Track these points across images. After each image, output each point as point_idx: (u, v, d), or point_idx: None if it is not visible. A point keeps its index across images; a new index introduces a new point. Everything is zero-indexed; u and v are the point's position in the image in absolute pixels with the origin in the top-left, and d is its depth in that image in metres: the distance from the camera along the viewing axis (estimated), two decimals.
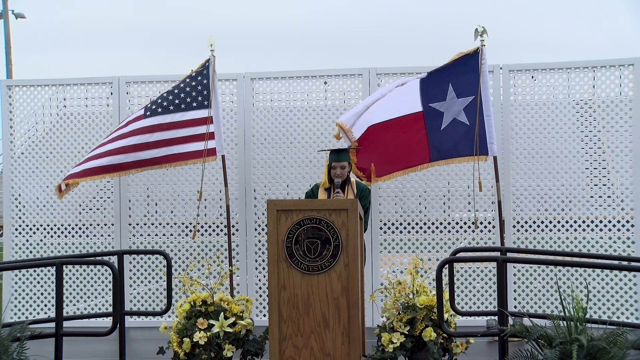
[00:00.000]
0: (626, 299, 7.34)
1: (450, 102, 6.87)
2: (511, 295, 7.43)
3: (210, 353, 5.29)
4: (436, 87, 6.92)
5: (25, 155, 8.34)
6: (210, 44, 7.22)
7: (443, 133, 6.87)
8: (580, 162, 7.63)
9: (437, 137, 6.87)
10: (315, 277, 4.84)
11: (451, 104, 6.87)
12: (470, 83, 6.85)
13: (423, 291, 5.23)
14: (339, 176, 6.10)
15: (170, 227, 8.19)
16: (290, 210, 4.90)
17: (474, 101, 6.81)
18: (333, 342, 4.79)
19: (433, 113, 6.87)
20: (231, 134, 8.03)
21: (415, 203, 7.89)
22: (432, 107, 6.88)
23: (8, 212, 8.24)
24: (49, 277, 8.09)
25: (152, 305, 8.07)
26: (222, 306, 5.46)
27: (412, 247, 7.85)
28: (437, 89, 6.91)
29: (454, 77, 6.91)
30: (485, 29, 6.91)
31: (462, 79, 6.89)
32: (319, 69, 8.12)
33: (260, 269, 7.95)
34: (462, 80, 6.88)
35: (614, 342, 4.09)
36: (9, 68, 26.08)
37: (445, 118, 6.87)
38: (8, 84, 8.40)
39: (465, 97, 6.85)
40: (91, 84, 8.34)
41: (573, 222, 7.56)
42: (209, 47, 7.24)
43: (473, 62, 6.90)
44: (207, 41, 7.25)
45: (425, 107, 6.89)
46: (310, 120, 8.02)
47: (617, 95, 7.61)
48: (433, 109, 6.88)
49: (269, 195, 8.00)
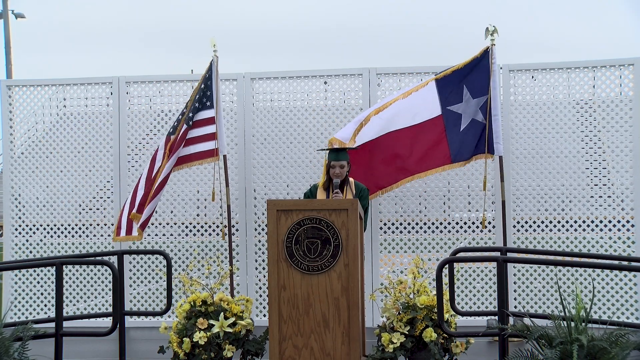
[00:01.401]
0: (626, 299, 7.33)
1: (466, 103, 6.96)
2: (511, 295, 7.42)
3: (210, 353, 5.29)
4: (452, 89, 6.98)
5: (25, 155, 8.33)
6: (213, 44, 7.20)
7: (462, 134, 6.96)
8: (580, 162, 7.63)
9: (458, 138, 6.94)
10: (315, 277, 4.84)
11: (468, 105, 6.96)
12: (483, 83, 6.94)
13: (424, 291, 5.23)
14: (338, 176, 6.09)
15: (170, 227, 8.19)
16: (290, 210, 4.90)
17: (487, 100, 6.88)
18: (333, 342, 4.79)
19: (451, 115, 6.96)
20: (231, 134, 8.02)
21: (415, 203, 7.89)
22: (450, 110, 6.97)
23: (8, 212, 8.24)
24: (49, 277, 8.08)
25: (152, 305, 8.07)
26: (222, 306, 5.46)
27: (412, 247, 7.85)
28: (453, 91, 6.99)
29: (467, 79, 6.98)
30: (495, 28, 6.90)
31: (476, 79, 6.97)
32: (319, 69, 8.12)
33: (260, 269, 7.95)
34: (475, 81, 6.96)
35: (615, 342, 4.08)
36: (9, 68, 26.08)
37: (464, 119, 6.96)
38: (8, 84, 8.39)
39: (479, 98, 6.94)
40: (91, 84, 8.34)
41: (573, 222, 7.56)
42: (212, 48, 7.22)
43: (484, 62, 6.97)
44: (209, 41, 7.23)
45: (444, 110, 6.96)
46: (310, 120, 8.02)
47: (617, 95, 7.60)
48: (451, 112, 6.97)
49: (269, 195, 8.00)
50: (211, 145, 7.09)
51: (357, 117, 7.01)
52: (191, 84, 8.25)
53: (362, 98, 7.88)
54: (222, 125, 7.27)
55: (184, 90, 8.28)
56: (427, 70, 7.90)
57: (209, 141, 7.09)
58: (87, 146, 8.25)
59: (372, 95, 7.85)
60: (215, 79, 7.19)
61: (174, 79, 8.27)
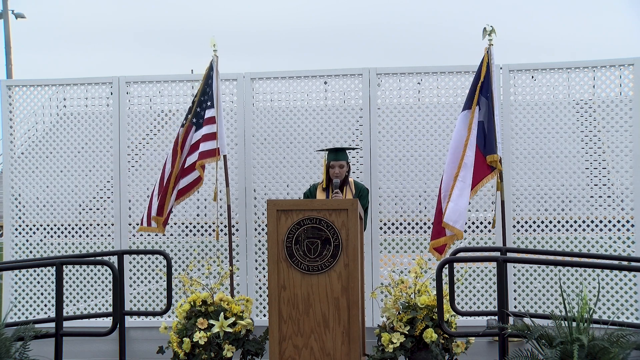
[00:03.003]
0: (626, 299, 7.34)
1: (482, 106, 6.81)
2: (511, 295, 7.43)
3: (210, 353, 5.29)
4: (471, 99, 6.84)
5: (25, 155, 8.34)
6: (213, 44, 7.19)
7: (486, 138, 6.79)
8: (580, 162, 7.63)
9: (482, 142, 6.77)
10: (315, 277, 4.84)
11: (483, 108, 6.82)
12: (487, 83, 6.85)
13: (425, 291, 5.23)
14: (338, 175, 6.09)
15: (170, 227, 8.19)
16: (290, 210, 4.89)
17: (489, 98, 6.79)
18: (333, 342, 4.79)
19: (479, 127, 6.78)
20: (231, 134, 8.03)
21: (415, 203, 7.89)
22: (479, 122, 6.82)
23: (8, 212, 8.24)
24: (49, 277, 8.09)
25: (152, 305, 8.07)
26: (222, 306, 5.46)
27: (412, 247, 7.85)
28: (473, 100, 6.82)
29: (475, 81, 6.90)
30: (493, 28, 6.83)
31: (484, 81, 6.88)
32: (319, 69, 8.12)
33: (260, 269, 7.95)
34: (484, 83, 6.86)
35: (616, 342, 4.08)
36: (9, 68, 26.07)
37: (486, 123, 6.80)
38: (8, 84, 8.40)
39: (486, 97, 6.85)
40: (91, 84, 8.34)
41: (573, 222, 7.56)
42: (212, 48, 7.21)
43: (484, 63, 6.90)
44: (209, 41, 7.22)
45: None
46: (310, 120, 8.02)
47: (617, 95, 7.61)
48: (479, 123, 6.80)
49: (269, 195, 8.00)
50: (212, 145, 7.09)
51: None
52: (191, 84, 8.25)
53: (362, 98, 7.89)
54: (222, 125, 7.27)
55: (184, 90, 8.28)
56: (427, 70, 7.92)
57: (210, 141, 7.09)
58: (87, 146, 8.25)
59: (372, 95, 7.86)
60: (216, 78, 7.19)
61: (174, 79, 8.27)
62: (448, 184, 6.62)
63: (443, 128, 7.85)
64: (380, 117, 7.90)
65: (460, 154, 6.62)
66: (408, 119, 7.92)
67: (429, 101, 7.98)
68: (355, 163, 7.83)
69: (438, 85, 7.95)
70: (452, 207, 6.47)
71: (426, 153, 7.88)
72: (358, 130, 7.94)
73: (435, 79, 7.95)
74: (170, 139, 8.23)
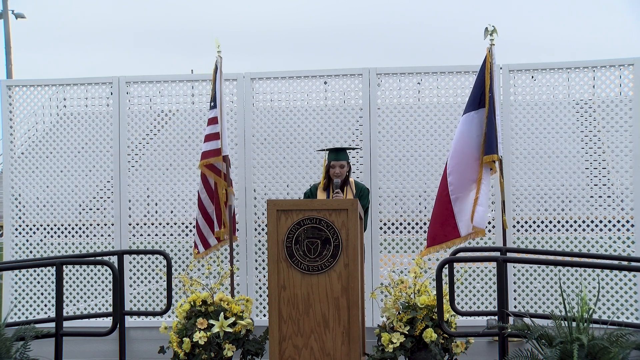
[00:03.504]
0: (626, 299, 7.34)
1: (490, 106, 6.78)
2: (511, 295, 7.43)
3: (210, 353, 5.29)
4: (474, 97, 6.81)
5: (25, 155, 8.34)
6: (218, 44, 7.17)
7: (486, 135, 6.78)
8: (580, 162, 7.63)
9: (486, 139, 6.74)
10: (315, 277, 4.84)
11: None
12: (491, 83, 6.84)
13: (425, 291, 5.23)
14: (338, 175, 6.09)
15: (170, 227, 8.19)
16: (290, 210, 4.89)
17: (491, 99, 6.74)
18: (333, 342, 4.79)
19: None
20: (231, 134, 8.03)
21: (415, 203, 7.89)
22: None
23: (8, 212, 8.24)
24: (49, 277, 8.09)
25: (152, 305, 8.07)
26: (222, 306, 5.46)
27: (412, 247, 7.85)
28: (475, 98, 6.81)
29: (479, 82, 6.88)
30: (495, 28, 6.79)
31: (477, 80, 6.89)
32: (319, 69, 8.12)
33: (260, 269, 7.95)
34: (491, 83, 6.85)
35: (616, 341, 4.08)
36: (9, 68, 26.07)
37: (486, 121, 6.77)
38: (8, 84, 8.40)
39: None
40: (91, 84, 8.34)
41: (573, 222, 7.56)
42: (216, 48, 7.19)
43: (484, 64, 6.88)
44: (214, 42, 7.20)
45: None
46: (310, 120, 8.02)
47: (617, 95, 7.61)
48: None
49: (269, 195, 8.00)
50: (215, 145, 7.08)
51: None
52: (191, 84, 8.26)
53: (362, 98, 7.89)
54: (224, 125, 7.26)
55: (184, 90, 8.28)
56: (427, 71, 7.92)
57: (213, 141, 7.09)
58: (87, 146, 8.25)
59: (372, 95, 7.86)
60: (219, 79, 7.18)
61: (174, 79, 8.27)
62: (465, 186, 6.59)
63: (443, 128, 7.85)
64: (380, 117, 7.90)
65: (477, 155, 6.62)
66: (408, 119, 7.92)
67: (429, 101, 7.98)
68: (355, 163, 7.82)
69: (438, 86, 7.95)
70: (482, 211, 6.53)
71: (426, 153, 7.88)
72: (358, 130, 7.94)
73: (435, 79, 7.95)
74: (170, 138, 8.25)
